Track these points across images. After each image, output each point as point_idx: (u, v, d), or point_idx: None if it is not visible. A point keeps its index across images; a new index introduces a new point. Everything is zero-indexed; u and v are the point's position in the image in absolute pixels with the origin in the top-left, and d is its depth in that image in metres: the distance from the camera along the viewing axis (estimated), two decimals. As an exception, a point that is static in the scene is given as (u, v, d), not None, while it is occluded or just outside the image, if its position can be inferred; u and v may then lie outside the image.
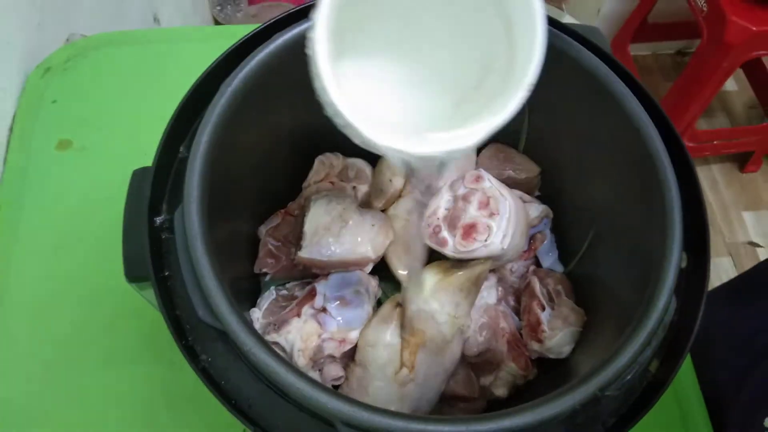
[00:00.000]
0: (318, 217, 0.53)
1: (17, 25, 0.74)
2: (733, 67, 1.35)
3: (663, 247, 0.42)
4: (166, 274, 0.43)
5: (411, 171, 0.38)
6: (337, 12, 0.33)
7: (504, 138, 0.64)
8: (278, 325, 0.50)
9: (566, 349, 0.54)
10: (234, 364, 0.40)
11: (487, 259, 0.52)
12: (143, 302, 0.46)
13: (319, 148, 0.62)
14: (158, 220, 0.44)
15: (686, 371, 0.63)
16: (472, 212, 0.51)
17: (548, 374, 0.56)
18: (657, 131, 0.46)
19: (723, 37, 1.29)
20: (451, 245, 0.51)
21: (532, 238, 0.60)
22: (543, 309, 0.55)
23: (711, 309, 0.43)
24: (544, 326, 0.54)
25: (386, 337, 0.49)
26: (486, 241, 0.50)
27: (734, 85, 1.83)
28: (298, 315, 0.50)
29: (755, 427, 0.58)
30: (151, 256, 0.42)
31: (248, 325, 0.39)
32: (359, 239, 0.54)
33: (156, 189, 0.44)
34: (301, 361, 0.49)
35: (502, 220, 0.51)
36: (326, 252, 0.52)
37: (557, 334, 0.53)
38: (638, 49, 1.80)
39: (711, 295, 0.64)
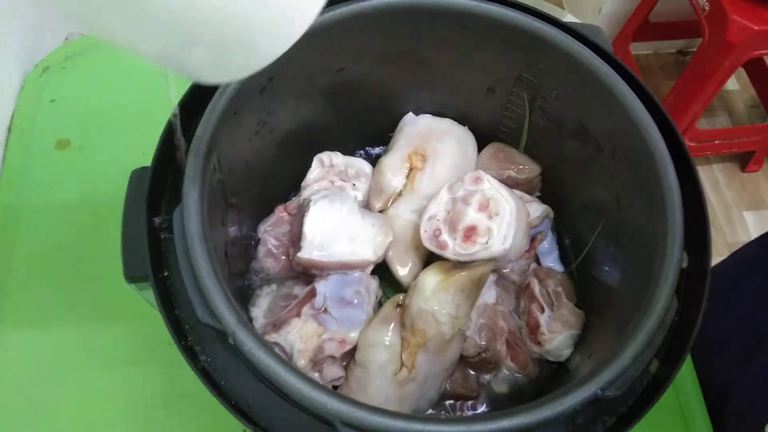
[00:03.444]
0: (318, 217, 0.53)
1: (16, 24, 0.74)
2: (735, 66, 1.35)
3: (663, 247, 0.42)
4: (166, 274, 0.43)
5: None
6: None
7: (505, 137, 0.64)
8: (278, 325, 0.50)
9: (566, 352, 0.54)
10: (234, 365, 0.40)
11: (488, 260, 0.52)
12: (143, 302, 0.46)
13: (319, 146, 0.61)
14: (157, 220, 0.43)
15: (687, 371, 0.62)
16: (472, 214, 0.51)
17: (549, 374, 0.56)
18: (658, 130, 0.46)
19: (724, 36, 1.29)
20: (452, 248, 0.51)
21: (533, 238, 0.60)
22: (542, 311, 0.55)
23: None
24: (544, 329, 0.53)
25: (386, 338, 0.49)
26: (487, 243, 0.50)
27: (736, 84, 1.83)
28: (298, 315, 0.50)
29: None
30: (150, 256, 0.42)
31: (248, 325, 0.39)
32: (359, 240, 0.53)
33: (154, 189, 0.44)
34: (301, 361, 0.49)
35: (503, 221, 0.51)
36: (326, 253, 0.52)
37: (556, 337, 0.53)
38: (640, 48, 1.80)
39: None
